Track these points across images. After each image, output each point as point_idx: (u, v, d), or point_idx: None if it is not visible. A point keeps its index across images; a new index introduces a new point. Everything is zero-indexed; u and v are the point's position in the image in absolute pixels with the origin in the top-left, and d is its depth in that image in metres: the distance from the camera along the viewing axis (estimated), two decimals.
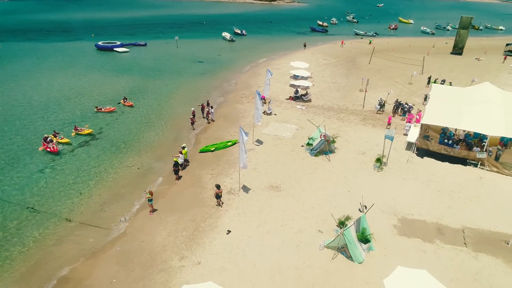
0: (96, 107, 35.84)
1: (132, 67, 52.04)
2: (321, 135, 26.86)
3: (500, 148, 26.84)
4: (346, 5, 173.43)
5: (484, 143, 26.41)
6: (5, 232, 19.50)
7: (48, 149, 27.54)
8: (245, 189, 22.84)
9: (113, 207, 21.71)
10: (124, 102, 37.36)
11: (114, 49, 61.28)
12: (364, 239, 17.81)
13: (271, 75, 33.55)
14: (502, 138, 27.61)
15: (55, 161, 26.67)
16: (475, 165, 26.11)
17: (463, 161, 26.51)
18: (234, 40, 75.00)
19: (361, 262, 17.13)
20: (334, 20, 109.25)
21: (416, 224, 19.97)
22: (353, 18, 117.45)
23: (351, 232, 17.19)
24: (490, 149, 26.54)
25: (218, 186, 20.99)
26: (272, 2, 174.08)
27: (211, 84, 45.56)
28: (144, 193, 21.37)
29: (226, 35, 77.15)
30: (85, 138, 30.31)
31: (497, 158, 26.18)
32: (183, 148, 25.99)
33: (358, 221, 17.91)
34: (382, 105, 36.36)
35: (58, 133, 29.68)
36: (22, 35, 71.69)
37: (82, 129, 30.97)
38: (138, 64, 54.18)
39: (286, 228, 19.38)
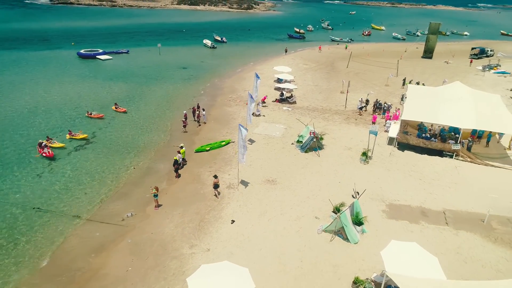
0: (87, 111, 36.33)
1: (118, 74, 52.49)
2: (310, 132, 28.67)
3: (470, 140, 29.46)
4: (320, 13, 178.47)
5: (457, 136, 28.98)
6: (15, 231, 20.00)
7: (44, 154, 27.93)
8: (244, 183, 24.23)
9: (118, 204, 22.58)
10: (116, 108, 37.87)
11: (97, 57, 61.41)
12: (358, 222, 19.58)
13: (259, 78, 35.22)
14: (474, 131, 30.33)
15: (53, 165, 27.13)
16: (451, 156, 28.56)
17: (440, 153, 28.93)
18: (216, 47, 76.50)
19: (357, 243, 18.83)
20: (310, 27, 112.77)
21: (403, 208, 21.95)
22: (328, 25, 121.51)
23: (346, 216, 18.91)
24: (463, 141, 29.10)
25: (215, 176, 22.66)
26: (248, 10, 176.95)
27: (197, 89, 46.78)
28: (150, 188, 22.34)
29: (208, 42, 78.56)
30: (80, 143, 30.83)
31: (469, 149, 28.78)
32: (181, 147, 27.14)
33: (352, 206, 19.67)
34: (366, 104, 38.69)
35: (51, 138, 30.05)
36: None
37: (77, 134, 31.47)
38: (123, 71, 54.70)
39: (286, 216, 20.91)
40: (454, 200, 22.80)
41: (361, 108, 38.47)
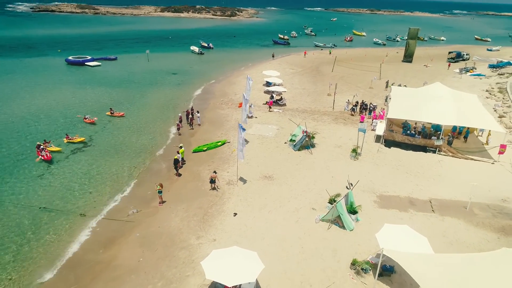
0: (84, 117, 36.69)
1: (109, 80, 53.04)
2: (302, 131, 30.18)
3: (450, 135, 31.53)
4: (302, 20, 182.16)
5: (439, 133, 31.01)
6: (25, 230, 20.59)
7: (42, 158, 28.43)
8: (242, 180, 25.44)
9: (122, 202, 23.47)
10: (111, 114, 38.41)
11: (86, 63, 61.73)
12: (352, 211, 21.07)
13: (251, 81, 36.62)
14: (454, 128, 32.46)
15: (52, 167, 27.68)
16: (434, 151, 30.52)
17: (423, 149, 30.87)
18: (203, 53, 77.73)
19: (352, 230, 20.27)
20: (294, 33, 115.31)
21: (392, 199, 23.58)
22: (311, 31, 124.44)
23: (342, 205, 20.36)
24: (443, 137, 31.13)
25: (215, 172, 24.33)
26: (232, 18, 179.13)
27: (189, 94, 47.84)
28: (154, 185, 23.27)
29: (195, 48, 79.72)
30: (77, 146, 31.42)
31: (449, 143, 30.84)
32: (180, 147, 28.19)
33: (347, 196, 21.17)
34: (355, 105, 40.58)
35: (48, 142, 30.47)
36: None
37: (74, 137, 32.04)
38: (114, 77, 55.26)
39: (284, 208, 22.22)
40: (438, 190, 24.60)
41: (353, 110, 40.26)
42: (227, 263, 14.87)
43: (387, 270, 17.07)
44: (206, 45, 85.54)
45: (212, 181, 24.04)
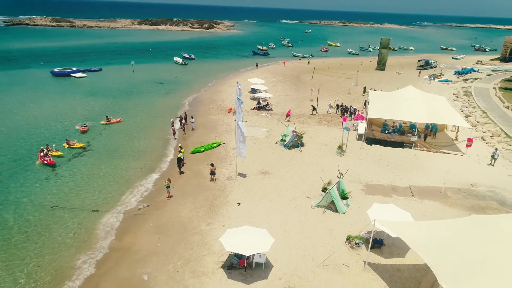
0: (82, 125, 37.80)
1: (98, 90, 54.18)
2: (292, 131, 32.83)
3: (419, 132, 34.97)
4: (278, 32, 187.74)
5: (413, 131, 34.43)
6: (43, 225, 21.94)
7: (45, 162, 29.66)
8: (241, 175, 27.68)
9: (131, 198, 25.10)
10: (108, 121, 39.69)
11: (72, 74, 62.50)
12: (343, 196, 23.69)
13: (240, 86, 39.09)
14: (427, 127, 35.97)
15: (57, 170, 28.96)
16: (410, 147, 33.82)
17: (401, 145, 34.12)
18: (186, 64, 79.87)
19: (344, 213, 22.83)
20: (271, 44, 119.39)
21: (377, 187, 26.40)
22: (288, 42, 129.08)
23: (335, 191, 22.96)
24: (420, 133, 34.56)
25: (212, 164, 26.77)
26: (209, 30, 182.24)
27: (179, 101, 49.79)
28: (163, 180, 25.10)
29: (178, 59, 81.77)
30: (78, 151, 32.74)
31: (424, 138, 34.30)
32: (181, 148, 30.16)
33: (338, 184, 23.80)
34: (342, 108, 43.76)
35: (49, 147, 31.66)
36: None
37: (74, 142, 33.34)
38: (102, 87, 56.42)
39: (283, 197, 24.58)
40: (416, 179, 27.70)
41: (343, 113, 43.35)
42: (242, 237, 17.07)
43: (377, 243, 19.63)
44: (188, 56, 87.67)
45: (213, 173, 26.26)
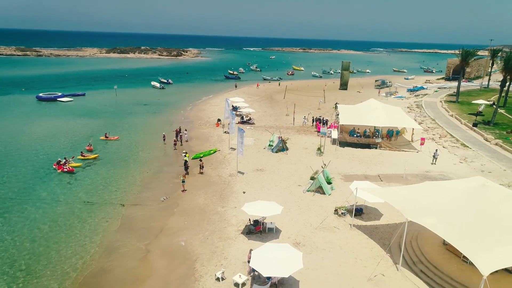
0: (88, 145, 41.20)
1: (87, 112, 57.50)
2: (278, 137, 38.59)
3: (382, 136, 41.99)
4: (244, 58, 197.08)
5: (378, 135, 41.35)
6: (79, 218, 25.70)
7: (65, 170, 33.27)
8: (240, 172, 32.79)
9: (151, 194, 29.36)
10: (106, 137, 43.40)
11: (58, 99, 65.27)
12: (328, 181, 29.42)
13: (230, 100, 44.70)
14: (389, 132, 43.04)
15: (77, 176, 32.64)
16: (376, 147, 40.54)
17: (368, 146, 40.80)
18: (164, 88, 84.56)
19: (330, 194, 28.46)
20: (241, 69, 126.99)
21: (352, 176, 32.37)
22: (256, 67, 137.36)
23: (322, 176, 28.66)
24: (382, 136, 41.51)
25: (200, 159, 32.31)
26: (178, 57, 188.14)
27: (167, 119, 54.36)
28: (179, 176, 29.67)
29: (156, 84, 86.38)
30: (90, 161, 36.41)
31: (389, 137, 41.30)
32: (186, 153, 34.90)
33: (323, 172, 29.55)
34: (322, 120, 50.17)
35: (68, 159, 35.01)
36: None
37: (87, 154, 37.11)
38: (90, 109, 59.77)
39: (279, 186, 29.91)
40: (383, 169, 34.12)
41: (317, 121, 49.76)
42: (257, 207, 22.30)
43: (358, 211, 25.32)
44: (165, 80, 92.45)
45: (201, 167, 32.09)
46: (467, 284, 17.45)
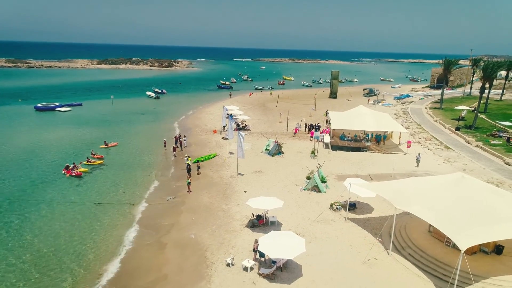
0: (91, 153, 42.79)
1: (87, 121, 59.06)
2: (274, 141, 40.90)
3: (371, 140, 44.71)
4: (235, 69, 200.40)
5: (367, 138, 44.01)
6: (95, 216, 27.44)
7: (73, 174, 34.94)
8: (240, 174, 34.90)
9: (158, 194, 31.24)
10: (106, 145, 45.09)
11: (56, 109, 66.67)
12: (323, 181, 31.74)
13: (227, 109, 46.88)
14: (377, 137, 45.76)
15: (85, 179, 34.32)
16: (365, 150, 43.15)
17: (358, 149, 43.39)
18: (159, 97, 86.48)
19: (325, 192, 30.74)
20: (233, 79, 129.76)
21: (345, 176, 34.60)
22: (247, 77, 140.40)
23: (317, 176, 30.96)
24: (371, 141, 44.18)
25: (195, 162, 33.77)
26: (169, 68, 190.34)
27: (165, 127, 56.31)
28: (186, 177, 31.62)
29: (151, 93, 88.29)
30: (96, 166, 38.11)
31: (377, 141, 43.99)
32: (188, 157, 36.89)
33: (318, 172, 31.87)
34: (313, 127, 52.68)
35: (76, 164, 36.64)
36: None
37: (93, 160, 38.79)
38: (89, 118, 61.36)
39: (277, 186, 32.09)
40: (373, 169, 36.60)
41: (310, 129, 52.17)
42: (260, 201, 24.46)
43: (352, 206, 27.62)
44: (159, 91, 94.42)
45: (198, 167, 34.13)
46: (449, 264, 19.75)
